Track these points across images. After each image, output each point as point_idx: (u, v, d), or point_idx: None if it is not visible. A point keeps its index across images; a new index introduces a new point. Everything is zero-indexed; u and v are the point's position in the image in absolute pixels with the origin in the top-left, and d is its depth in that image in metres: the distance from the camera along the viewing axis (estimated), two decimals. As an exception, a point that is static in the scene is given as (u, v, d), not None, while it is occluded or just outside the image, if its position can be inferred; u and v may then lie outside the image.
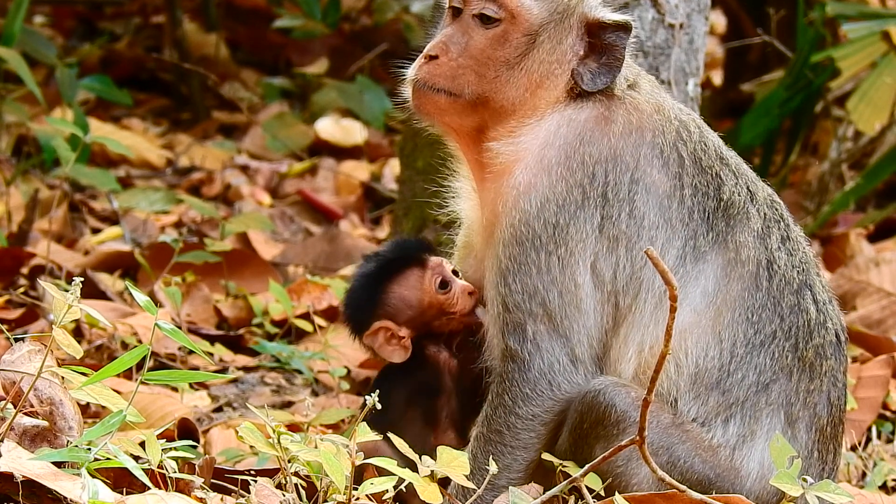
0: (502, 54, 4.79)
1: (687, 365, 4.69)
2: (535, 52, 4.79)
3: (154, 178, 9.93)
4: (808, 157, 10.33)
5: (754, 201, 4.83)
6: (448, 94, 4.80)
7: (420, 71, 4.82)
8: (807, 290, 4.81)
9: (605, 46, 4.81)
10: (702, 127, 4.92)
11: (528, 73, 4.79)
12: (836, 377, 4.82)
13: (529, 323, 4.68)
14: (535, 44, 4.79)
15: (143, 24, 12.66)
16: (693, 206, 4.75)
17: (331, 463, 4.24)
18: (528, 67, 4.79)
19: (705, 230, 4.75)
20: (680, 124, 4.85)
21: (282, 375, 6.65)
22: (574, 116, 4.78)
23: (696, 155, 4.81)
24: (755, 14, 11.13)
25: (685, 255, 4.72)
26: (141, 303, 4.30)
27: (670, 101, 4.95)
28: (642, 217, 4.72)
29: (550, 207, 4.69)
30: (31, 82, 8.37)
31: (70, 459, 4.11)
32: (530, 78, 4.79)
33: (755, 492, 4.67)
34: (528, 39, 4.79)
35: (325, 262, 8.29)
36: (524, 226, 4.69)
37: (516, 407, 4.68)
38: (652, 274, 4.68)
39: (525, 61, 4.79)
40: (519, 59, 4.79)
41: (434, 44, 4.83)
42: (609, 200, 4.71)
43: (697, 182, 4.77)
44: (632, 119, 4.79)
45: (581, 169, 4.72)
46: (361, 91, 10.71)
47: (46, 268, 7.08)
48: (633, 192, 4.72)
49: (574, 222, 4.69)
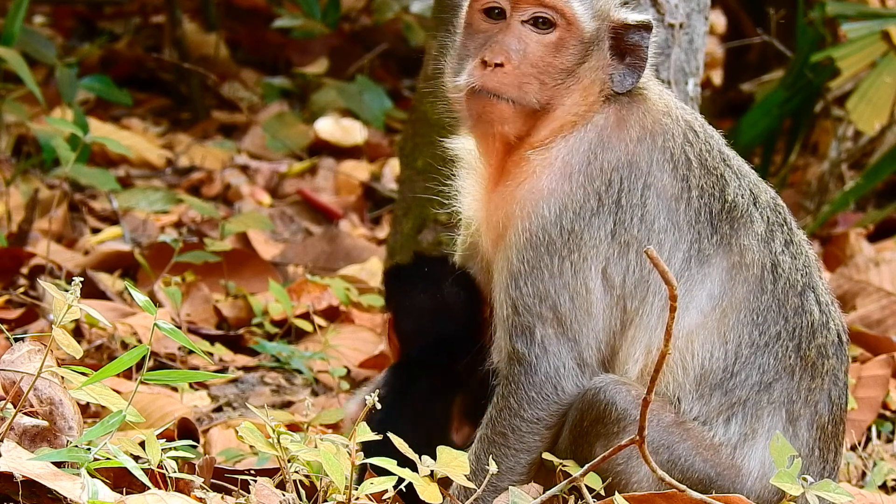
0: (561, 62, 4.77)
1: (693, 367, 4.69)
2: (588, 60, 4.79)
3: (154, 178, 9.93)
4: (808, 157, 10.33)
5: (757, 204, 4.84)
6: (513, 103, 4.75)
7: (484, 78, 4.73)
8: (810, 291, 4.82)
9: (630, 47, 4.82)
10: (705, 127, 4.94)
11: (581, 79, 4.79)
12: (838, 376, 4.83)
13: (538, 326, 4.67)
14: (587, 51, 4.79)
15: (143, 24, 12.66)
16: (700, 208, 4.76)
17: (331, 463, 4.24)
18: (582, 74, 4.79)
19: (710, 233, 4.75)
20: (686, 125, 4.86)
21: (282, 375, 6.65)
22: (598, 121, 4.79)
23: (702, 156, 4.82)
24: (755, 14, 11.13)
25: (690, 257, 4.72)
26: (140, 303, 4.30)
27: (675, 101, 4.96)
28: (653, 221, 4.72)
29: (568, 214, 4.70)
30: (31, 82, 8.37)
31: (70, 459, 4.11)
32: (583, 85, 4.79)
33: (756, 491, 4.67)
34: (584, 47, 4.78)
35: (324, 261, 8.28)
36: (541, 231, 4.69)
37: (521, 410, 4.67)
38: (659, 277, 4.68)
39: (580, 68, 4.79)
40: (575, 66, 4.78)
41: (493, 50, 4.73)
42: (623, 207, 4.71)
43: (704, 184, 4.78)
44: (645, 123, 4.80)
45: (600, 176, 4.73)
46: (361, 91, 10.71)
47: (46, 268, 7.08)
48: (645, 198, 4.73)
49: (588, 229, 4.69)
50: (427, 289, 5.05)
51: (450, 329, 4.99)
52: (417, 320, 5.02)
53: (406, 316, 5.04)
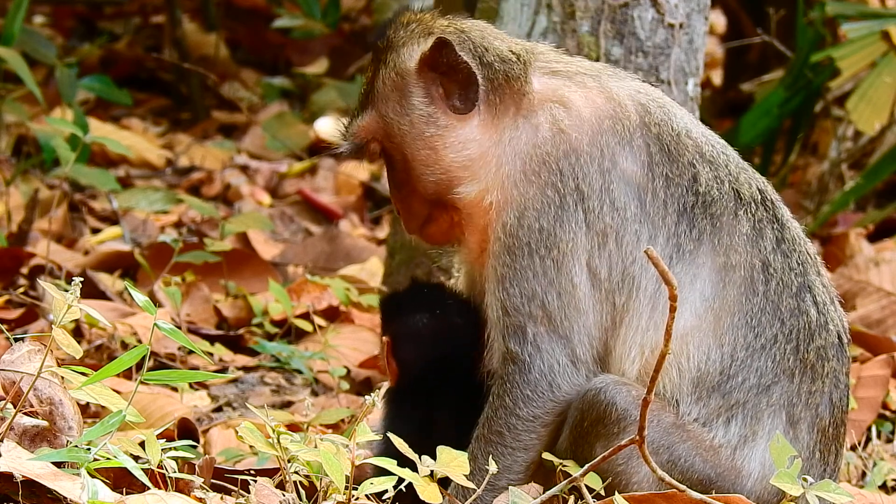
0: (397, 170, 4.90)
1: (689, 369, 4.68)
2: (407, 144, 4.84)
3: (154, 178, 9.94)
4: (808, 157, 10.33)
5: (741, 200, 4.78)
6: (428, 223, 4.91)
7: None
8: (806, 291, 4.78)
9: (447, 70, 4.79)
10: (666, 108, 4.82)
11: (417, 159, 4.83)
12: (839, 378, 4.80)
13: (530, 325, 4.68)
14: (400, 140, 4.85)
15: (143, 24, 12.67)
16: (667, 199, 4.70)
17: (331, 463, 4.24)
18: (414, 156, 4.83)
19: (686, 228, 4.72)
20: (640, 107, 4.78)
21: (282, 375, 6.65)
22: (513, 134, 4.77)
23: (664, 143, 4.75)
24: (755, 14, 11.14)
25: (671, 254, 4.69)
26: (140, 303, 4.30)
27: (623, 83, 4.86)
28: (624, 209, 4.69)
29: (530, 213, 4.69)
30: (31, 82, 8.37)
31: (70, 459, 4.11)
32: (422, 159, 4.83)
33: (756, 492, 4.66)
34: (395, 142, 4.84)
35: (324, 261, 8.29)
36: (512, 238, 4.70)
37: (517, 408, 4.67)
38: (642, 272, 4.67)
39: (408, 155, 4.84)
40: (405, 160, 4.85)
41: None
42: (585, 194, 4.69)
43: (669, 172, 4.73)
44: (576, 111, 4.74)
45: (545, 168, 4.71)
46: (361, 91, 10.70)
47: (46, 268, 7.08)
48: (607, 182, 4.69)
49: (559, 223, 4.68)
50: (424, 315, 5.06)
51: (450, 354, 4.99)
52: (417, 346, 5.03)
53: (405, 342, 5.05)
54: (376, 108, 4.87)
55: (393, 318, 5.10)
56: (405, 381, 4.96)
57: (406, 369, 5.00)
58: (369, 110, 4.89)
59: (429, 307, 5.05)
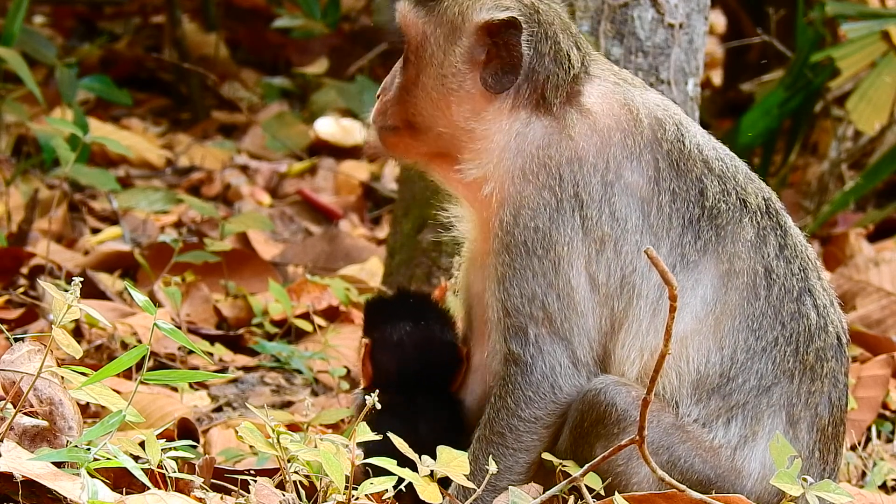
0: (407, 76, 4.82)
1: (689, 372, 4.68)
2: (427, 68, 4.80)
3: (154, 178, 9.94)
4: (807, 157, 10.33)
5: (747, 209, 4.78)
6: (390, 130, 4.86)
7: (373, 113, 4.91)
8: (807, 295, 4.79)
9: (502, 46, 4.77)
10: (682, 125, 4.83)
11: (426, 89, 4.79)
12: (837, 378, 4.81)
13: (531, 326, 4.68)
14: (432, 60, 4.79)
15: (143, 24, 12.66)
16: (672, 213, 4.71)
17: (330, 463, 4.24)
18: (425, 83, 4.80)
19: (692, 238, 4.72)
20: (655, 122, 4.79)
21: (282, 375, 6.65)
22: (521, 129, 4.76)
23: (673, 158, 4.76)
24: (755, 14, 11.14)
25: (674, 263, 4.69)
26: (140, 303, 4.30)
27: (645, 96, 4.86)
28: (625, 219, 4.70)
29: (525, 212, 4.69)
30: (31, 82, 8.37)
31: (70, 459, 4.11)
32: (431, 94, 4.79)
33: (756, 492, 4.67)
34: (427, 56, 4.79)
35: (324, 261, 8.29)
36: (507, 234, 4.70)
37: (519, 409, 4.67)
38: (643, 281, 4.67)
39: (421, 78, 4.80)
40: (416, 77, 4.80)
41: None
42: (584, 201, 4.68)
43: (676, 187, 4.74)
44: (591, 120, 4.75)
45: (544, 171, 4.70)
46: (361, 91, 10.71)
47: (46, 268, 7.08)
48: (609, 195, 4.69)
49: (555, 226, 4.68)
50: (407, 324, 5.07)
51: (428, 365, 5.01)
52: (395, 353, 5.04)
53: (384, 348, 5.06)
54: (429, 17, 4.81)
55: (376, 323, 5.11)
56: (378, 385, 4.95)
57: (381, 374, 5.02)
58: (423, 12, 4.82)
59: (413, 317, 5.07)
